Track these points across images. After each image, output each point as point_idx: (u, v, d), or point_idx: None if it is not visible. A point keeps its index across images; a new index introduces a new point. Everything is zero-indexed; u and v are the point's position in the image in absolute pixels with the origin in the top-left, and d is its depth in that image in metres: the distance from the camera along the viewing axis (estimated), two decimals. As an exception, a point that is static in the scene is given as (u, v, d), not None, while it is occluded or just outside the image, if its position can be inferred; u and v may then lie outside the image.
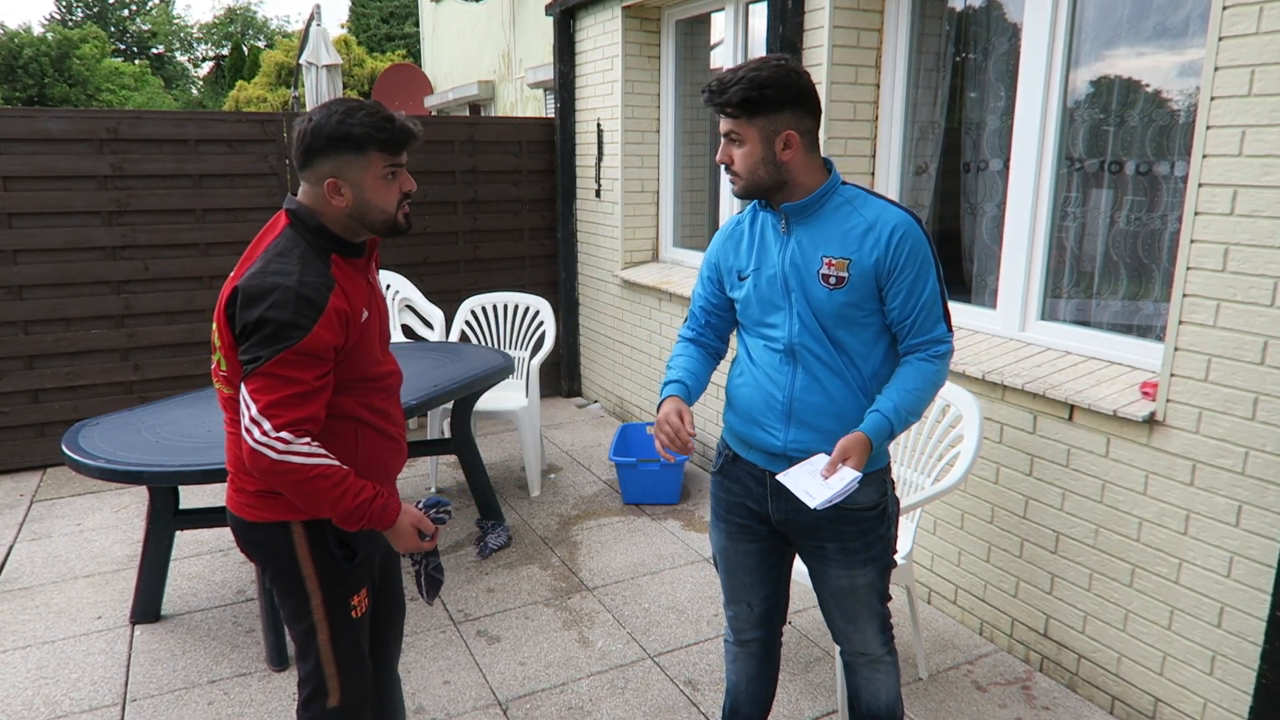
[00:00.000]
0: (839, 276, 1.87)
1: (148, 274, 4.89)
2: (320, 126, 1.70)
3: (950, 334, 1.94)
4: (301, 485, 1.68)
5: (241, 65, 23.54)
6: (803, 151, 1.87)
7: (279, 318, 1.63)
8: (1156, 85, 2.87)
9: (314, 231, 1.75)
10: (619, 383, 5.69)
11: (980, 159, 3.50)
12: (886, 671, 2.14)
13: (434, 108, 11.99)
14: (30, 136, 4.55)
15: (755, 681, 2.25)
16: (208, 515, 3.23)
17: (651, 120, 5.35)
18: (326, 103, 1.74)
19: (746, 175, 1.89)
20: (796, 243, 1.91)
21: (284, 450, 1.65)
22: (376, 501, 1.76)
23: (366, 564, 1.93)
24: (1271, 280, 2.23)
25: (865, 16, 3.64)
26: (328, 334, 1.68)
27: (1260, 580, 2.32)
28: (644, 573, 3.67)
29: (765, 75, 1.81)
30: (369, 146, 1.72)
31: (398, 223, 1.81)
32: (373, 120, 1.71)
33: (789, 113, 1.84)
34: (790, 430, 1.94)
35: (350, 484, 1.73)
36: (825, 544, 2.00)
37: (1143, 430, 2.56)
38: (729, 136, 1.90)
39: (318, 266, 1.72)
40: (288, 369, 1.65)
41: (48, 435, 4.83)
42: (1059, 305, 3.18)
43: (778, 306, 1.94)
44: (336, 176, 1.73)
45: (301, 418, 1.67)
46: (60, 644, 3.15)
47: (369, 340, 1.83)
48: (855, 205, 1.90)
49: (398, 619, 2.19)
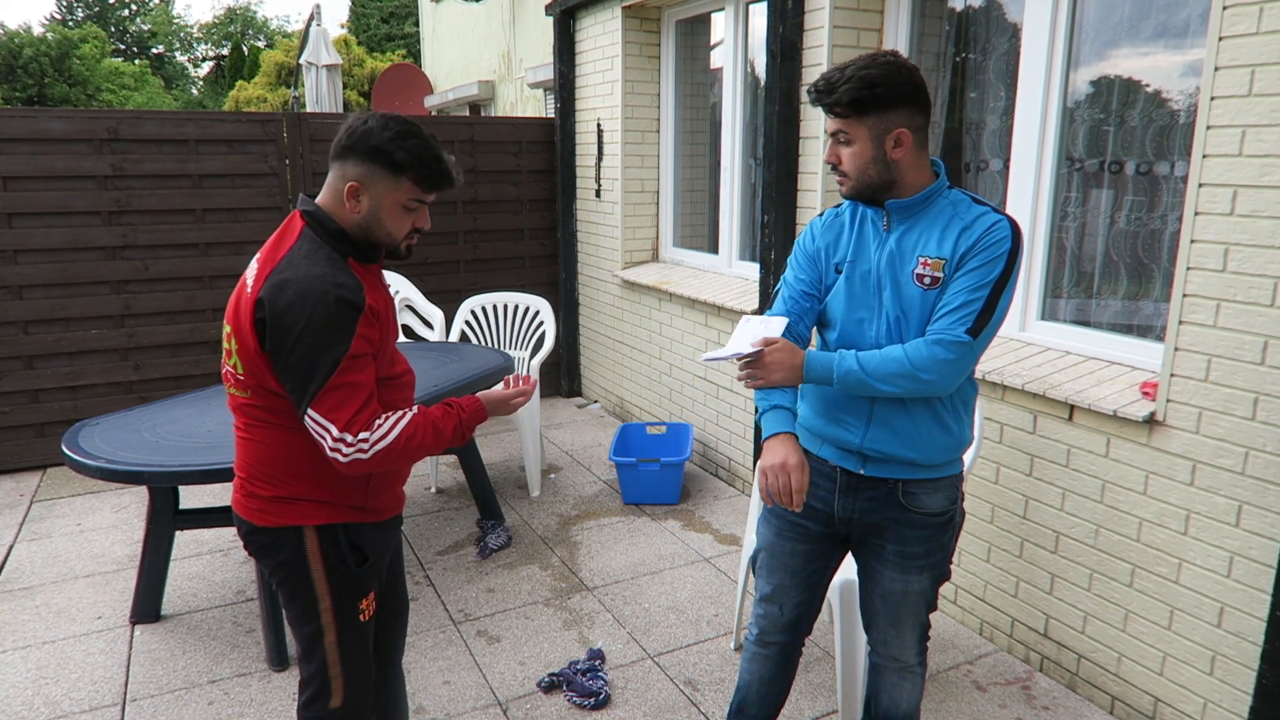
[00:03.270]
0: (934, 277, 1.82)
1: (148, 274, 4.89)
2: (370, 133, 1.69)
3: (971, 338, 1.77)
4: (403, 456, 1.74)
5: (241, 65, 23.53)
6: (913, 149, 1.82)
7: (323, 326, 1.62)
8: (1157, 85, 2.87)
9: (333, 235, 1.74)
10: (619, 383, 5.69)
11: (980, 159, 3.50)
12: (914, 681, 2.12)
13: (434, 108, 11.99)
14: (30, 136, 4.55)
15: (768, 685, 2.20)
16: (208, 515, 3.23)
17: (651, 120, 5.35)
18: (395, 115, 1.74)
19: (856, 175, 1.84)
20: (896, 241, 1.87)
21: (371, 446, 1.69)
22: (464, 415, 1.85)
23: (376, 567, 1.92)
24: (1271, 280, 2.23)
25: (865, 16, 3.64)
26: (370, 331, 1.70)
27: (1260, 580, 2.32)
28: (644, 573, 3.67)
29: (876, 73, 1.76)
30: (405, 173, 1.71)
31: (399, 249, 1.82)
32: (421, 153, 1.71)
33: (901, 110, 1.79)
34: (870, 430, 1.91)
35: (436, 419, 1.79)
36: (886, 545, 1.97)
37: (1143, 430, 2.56)
38: (837, 136, 1.83)
39: (343, 267, 1.72)
40: (349, 375, 1.66)
41: (48, 435, 4.83)
42: (1059, 305, 3.18)
43: (867, 305, 1.90)
44: (361, 184, 1.72)
45: (371, 415, 1.70)
46: (60, 644, 3.15)
47: (387, 342, 1.85)
48: (959, 209, 1.85)
49: (403, 614, 2.20)
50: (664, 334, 5.08)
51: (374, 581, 1.93)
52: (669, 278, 5.04)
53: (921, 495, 1.93)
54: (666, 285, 4.92)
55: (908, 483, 1.93)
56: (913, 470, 1.92)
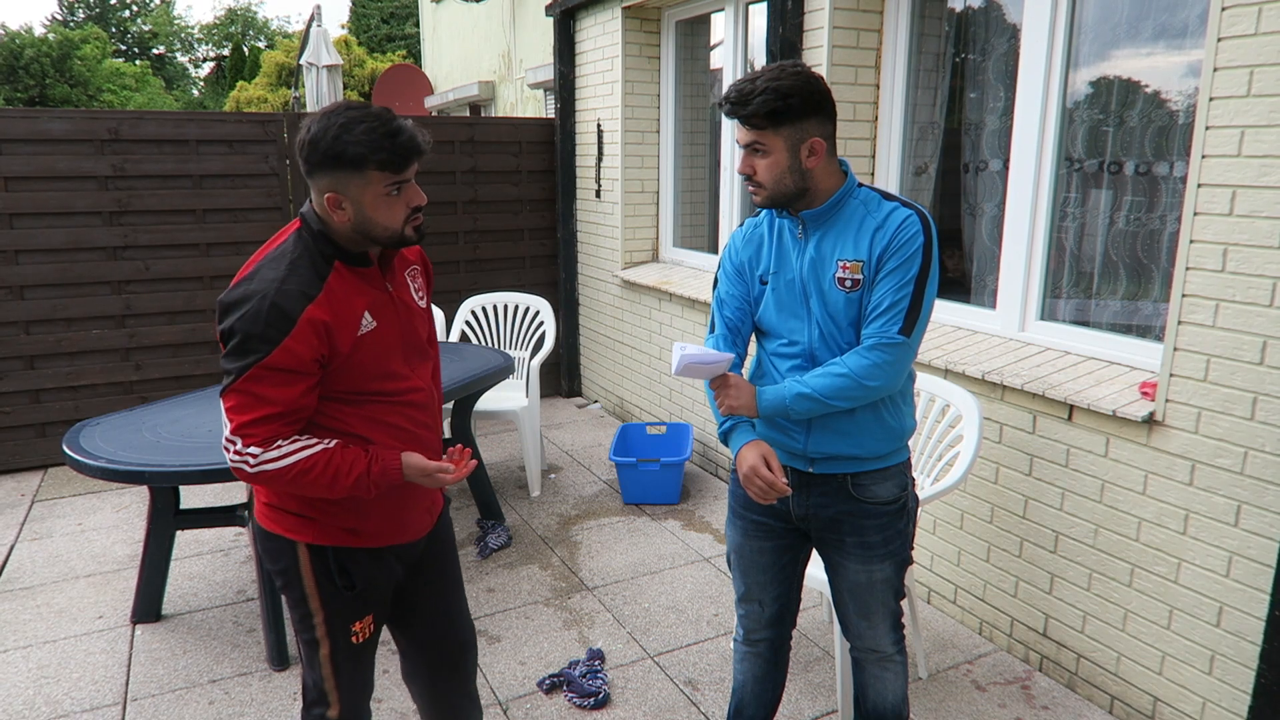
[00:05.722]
0: (854, 279, 1.86)
1: (148, 274, 4.90)
2: (316, 141, 1.60)
3: (905, 338, 1.83)
4: (291, 486, 1.66)
5: (242, 66, 23.55)
6: (826, 156, 1.85)
7: (247, 330, 1.58)
8: (1156, 86, 2.87)
9: (317, 238, 1.69)
10: (619, 383, 5.69)
11: (980, 159, 3.51)
12: (895, 671, 2.14)
13: (434, 108, 12.00)
14: (31, 137, 4.56)
15: (762, 683, 2.25)
16: (208, 515, 3.23)
17: (651, 120, 5.36)
18: (327, 109, 1.62)
19: (772, 185, 1.85)
20: (814, 247, 1.90)
21: (257, 463, 1.63)
22: (374, 468, 1.69)
23: (370, 594, 1.86)
24: (1270, 280, 2.23)
25: (865, 17, 3.64)
26: (301, 347, 1.60)
27: (1259, 580, 2.33)
28: (644, 573, 3.67)
29: (788, 83, 1.77)
30: (367, 166, 1.60)
31: (404, 236, 1.71)
32: (371, 138, 1.58)
33: (813, 119, 1.81)
34: (812, 435, 1.96)
35: (340, 464, 1.66)
36: (845, 538, 2.01)
37: (1142, 430, 2.57)
38: (752, 148, 1.84)
39: (306, 275, 1.64)
40: (260, 386, 1.60)
41: (49, 435, 4.83)
42: (1058, 305, 3.18)
43: (796, 314, 1.93)
44: (336, 192, 1.63)
45: (271, 433, 1.63)
46: (61, 644, 3.15)
47: (373, 352, 1.73)
48: (870, 207, 1.88)
49: (451, 656, 2.07)
50: (664, 334, 5.08)
51: (369, 607, 1.87)
52: (669, 278, 5.05)
53: (871, 486, 1.98)
54: (666, 285, 4.92)
55: (856, 475, 1.98)
56: (859, 464, 1.97)
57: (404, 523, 1.89)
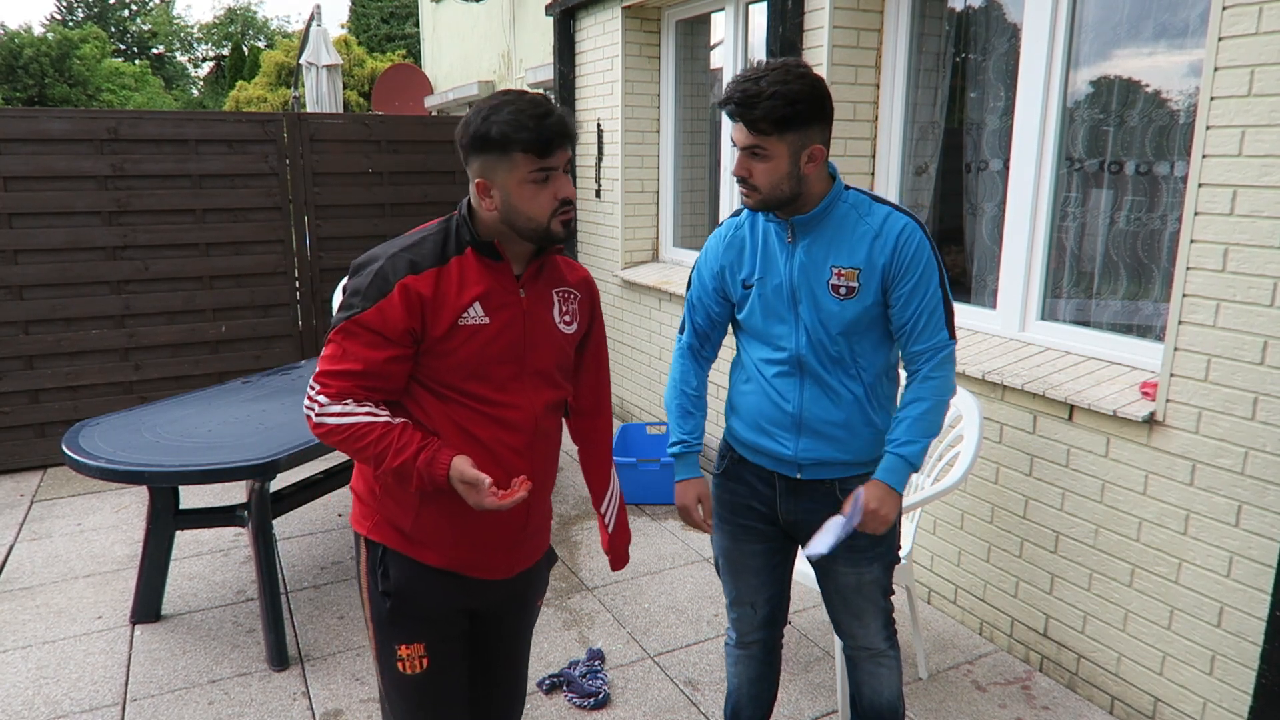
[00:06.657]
0: (849, 287, 1.85)
1: (148, 274, 4.90)
2: (467, 124, 1.62)
3: (953, 339, 1.91)
4: (343, 447, 1.65)
5: (242, 65, 23.53)
6: (821, 162, 1.84)
7: (356, 286, 1.63)
8: (1156, 85, 2.87)
9: (461, 222, 1.69)
10: (619, 383, 5.69)
11: (980, 159, 3.50)
12: (889, 667, 2.15)
13: (434, 108, 11.99)
14: (31, 137, 4.56)
15: (757, 684, 2.26)
16: (208, 515, 3.23)
17: (651, 120, 5.35)
18: (496, 94, 1.63)
19: (768, 190, 1.82)
20: (804, 252, 1.88)
21: (321, 411, 1.62)
22: (421, 456, 1.60)
23: (415, 611, 1.74)
24: (1271, 280, 2.23)
25: (865, 16, 3.64)
26: (393, 313, 1.59)
27: (1260, 580, 2.33)
28: (644, 573, 3.67)
29: (796, 89, 1.73)
30: (512, 148, 1.58)
31: (550, 231, 1.65)
32: (516, 119, 1.56)
33: (816, 126, 1.79)
34: (801, 440, 1.96)
35: (392, 441, 1.60)
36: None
37: (1142, 430, 2.56)
38: (752, 151, 1.80)
39: (429, 251, 1.64)
40: (349, 340, 1.61)
41: (48, 435, 4.83)
42: (1059, 305, 3.18)
43: (783, 319, 1.92)
44: (484, 178, 1.63)
45: (344, 389, 1.63)
46: (61, 644, 3.15)
47: (473, 348, 1.65)
48: (860, 211, 1.88)
49: (497, 700, 1.98)
50: (664, 334, 5.08)
51: (421, 632, 1.74)
52: (669, 278, 5.04)
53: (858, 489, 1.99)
54: (666, 285, 4.92)
55: (844, 480, 1.99)
56: (846, 469, 1.99)
57: (474, 552, 1.75)
